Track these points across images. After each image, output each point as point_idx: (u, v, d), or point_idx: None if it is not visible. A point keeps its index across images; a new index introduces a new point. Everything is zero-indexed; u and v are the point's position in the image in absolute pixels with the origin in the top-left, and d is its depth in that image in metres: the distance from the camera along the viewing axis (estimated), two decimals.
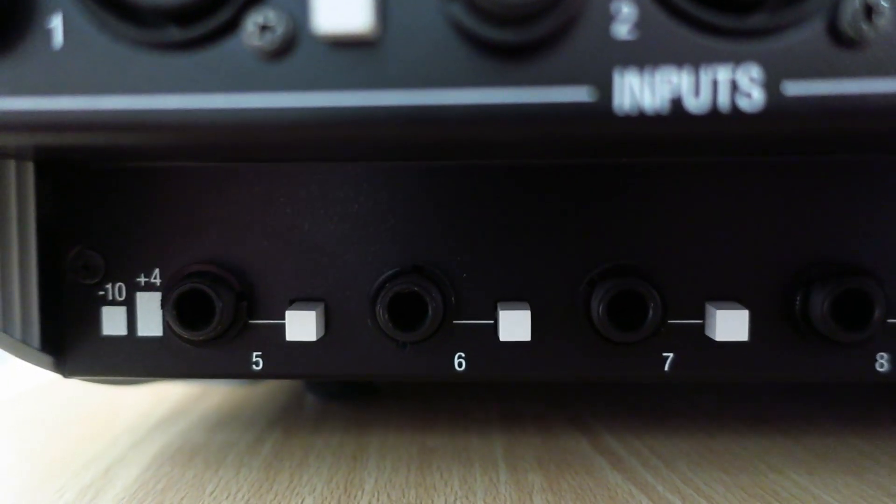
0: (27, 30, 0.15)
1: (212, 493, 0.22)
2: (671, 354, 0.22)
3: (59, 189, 0.22)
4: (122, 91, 0.15)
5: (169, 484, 0.23)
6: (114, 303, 0.22)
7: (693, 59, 0.15)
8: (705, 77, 0.15)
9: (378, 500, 0.21)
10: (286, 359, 0.22)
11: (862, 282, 0.20)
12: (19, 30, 0.15)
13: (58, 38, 0.15)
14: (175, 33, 0.15)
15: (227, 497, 0.22)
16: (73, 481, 0.23)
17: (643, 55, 0.15)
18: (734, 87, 0.15)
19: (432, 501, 0.21)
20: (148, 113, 0.15)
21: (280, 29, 0.15)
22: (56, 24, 0.15)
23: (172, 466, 0.24)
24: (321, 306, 0.22)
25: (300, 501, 0.21)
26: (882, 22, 0.15)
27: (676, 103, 0.15)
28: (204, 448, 0.26)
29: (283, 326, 0.21)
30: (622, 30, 0.15)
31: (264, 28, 0.15)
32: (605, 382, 0.30)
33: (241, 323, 0.22)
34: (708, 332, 0.21)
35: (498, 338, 0.21)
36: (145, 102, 0.15)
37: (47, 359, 0.22)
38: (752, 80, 0.15)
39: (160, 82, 0.15)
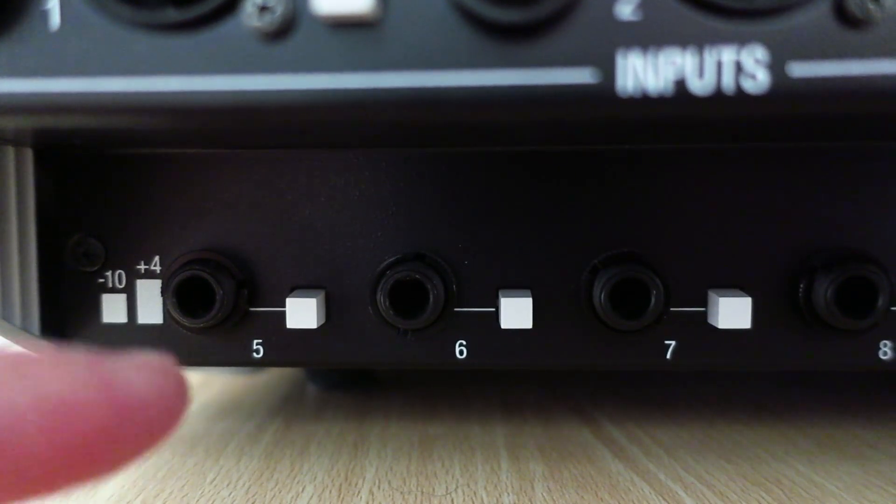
0: (24, 11, 0.15)
1: (212, 481, 0.22)
2: (673, 342, 0.21)
3: (58, 176, 0.22)
4: (119, 73, 0.15)
5: (170, 472, 0.23)
6: (114, 290, 0.22)
7: (697, 40, 0.15)
8: (709, 58, 0.15)
9: (379, 487, 0.21)
10: (287, 346, 0.22)
11: (866, 269, 0.20)
12: (16, 11, 0.15)
13: (55, 19, 0.15)
14: (173, 14, 0.15)
15: (227, 485, 0.21)
16: None
17: (647, 36, 0.15)
18: (739, 68, 0.15)
19: (433, 489, 0.21)
20: (146, 95, 0.15)
21: (279, 9, 0.15)
22: (53, 5, 0.15)
23: (173, 455, 0.24)
24: (322, 294, 0.22)
25: (301, 489, 0.21)
26: (889, 2, 0.14)
27: (680, 85, 0.15)
28: (205, 437, 0.26)
29: (283, 314, 0.21)
30: (626, 10, 0.15)
31: (263, 9, 0.15)
32: (607, 370, 0.30)
33: (242, 310, 0.21)
34: (710, 320, 0.21)
35: (499, 325, 0.21)
36: (143, 85, 0.15)
37: (47, 346, 0.22)
38: (756, 61, 0.15)
39: (158, 64, 0.15)
